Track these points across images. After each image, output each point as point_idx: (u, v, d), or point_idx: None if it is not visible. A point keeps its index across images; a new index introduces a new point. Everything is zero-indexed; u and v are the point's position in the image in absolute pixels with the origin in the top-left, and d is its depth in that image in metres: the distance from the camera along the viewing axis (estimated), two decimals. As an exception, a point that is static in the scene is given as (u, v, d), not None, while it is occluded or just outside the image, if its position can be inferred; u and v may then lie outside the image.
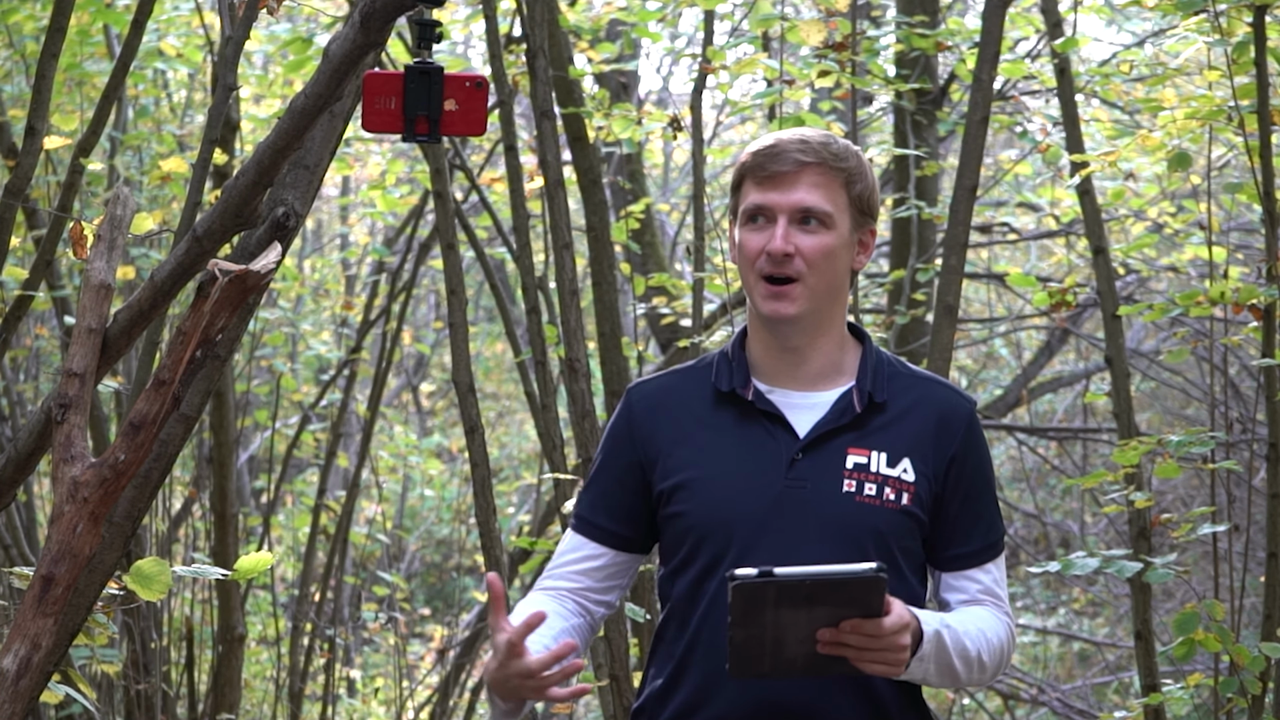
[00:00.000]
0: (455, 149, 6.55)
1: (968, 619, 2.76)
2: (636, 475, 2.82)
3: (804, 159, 2.74)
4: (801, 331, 2.78)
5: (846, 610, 2.50)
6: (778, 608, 2.47)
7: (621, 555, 2.85)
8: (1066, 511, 11.82)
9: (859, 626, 2.51)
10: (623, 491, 2.83)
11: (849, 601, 2.49)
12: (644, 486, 2.82)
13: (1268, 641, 4.63)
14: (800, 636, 2.51)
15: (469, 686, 8.83)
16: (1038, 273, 10.41)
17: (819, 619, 2.50)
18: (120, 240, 2.92)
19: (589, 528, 2.85)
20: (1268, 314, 4.77)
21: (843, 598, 2.48)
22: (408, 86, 2.59)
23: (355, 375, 8.74)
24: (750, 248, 2.76)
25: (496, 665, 2.56)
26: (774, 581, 2.44)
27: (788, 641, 2.51)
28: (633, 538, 2.85)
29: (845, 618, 2.50)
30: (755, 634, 2.49)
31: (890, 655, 2.55)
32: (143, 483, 3.37)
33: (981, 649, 2.74)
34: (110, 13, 6.46)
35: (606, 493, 2.84)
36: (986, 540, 2.83)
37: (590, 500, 2.86)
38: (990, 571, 2.83)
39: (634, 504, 2.83)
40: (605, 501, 2.84)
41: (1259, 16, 4.80)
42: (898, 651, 2.55)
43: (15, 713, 2.75)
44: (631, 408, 2.86)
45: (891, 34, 6.97)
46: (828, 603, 2.48)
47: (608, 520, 2.84)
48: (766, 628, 2.49)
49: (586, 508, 2.86)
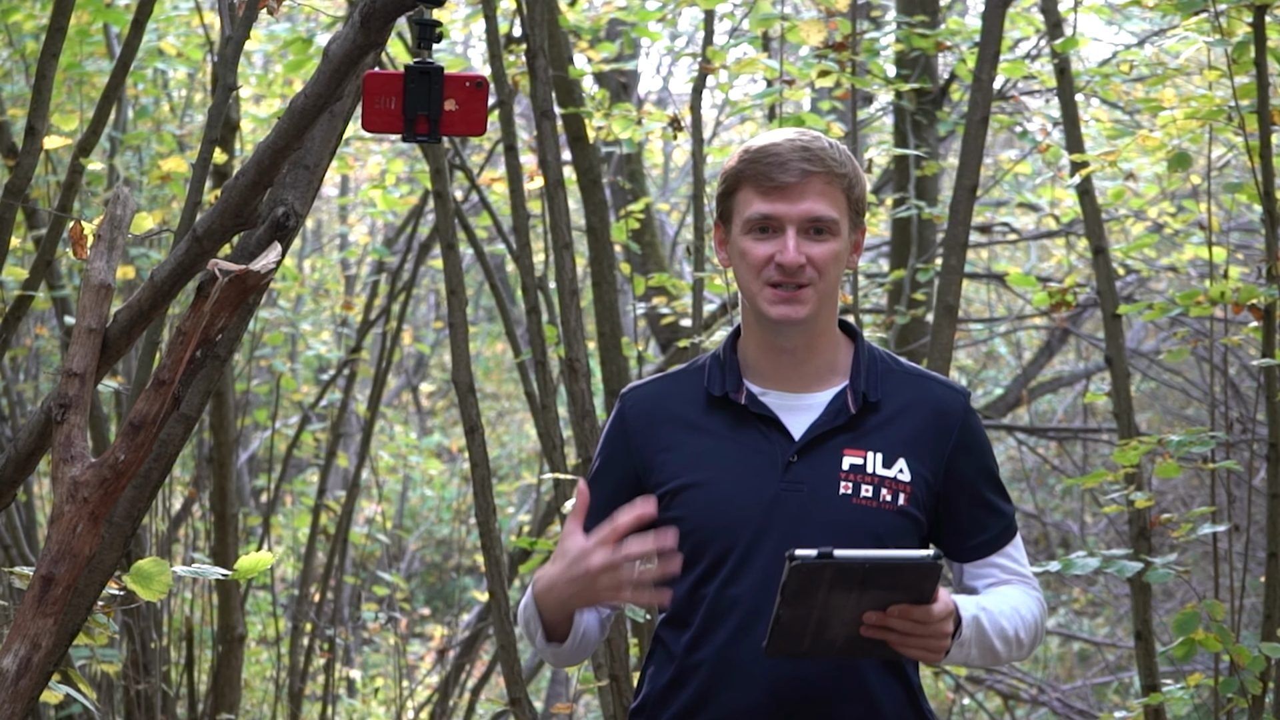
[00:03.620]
0: (455, 149, 6.55)
1: (1001, 599, 2.79)
2: (632, 482, 2.83)
3: (810, 169, 2.75)
4: (804, 333, 2.79)
5: (897, 595, 2.51)
6: (830, 589, 2.48)
7: None
8: (1066, 511, 11.82)
9: (907, 612, 2.53)
10: (619, 497, 2.81)
11: (902, 587, 2.51)
12: (638, 493, 2.81)
13: (1268, 641, 4.63)
14: (846, 619, 2.52)
15: (469, 686, 8.83)
16: (1038, 273, 10.41)
17: (868, 602, 2.51)
18: (120, 240, 2.91)
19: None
20: (1268, 314, 4.77)
21: (896, 583, 2.50)
22: (408, 86, 2.59)
23: (355, 375, 8.74)
24: (757, 256, 2.76)
25: (566, 565, 2.60)
26: (832, 563, 2.45)
27: (832, 623, 2.52)
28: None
29: (894, 602, 2.52)
30: (802, 614, 2.50)
31: (933, 642, 2.57)
32: (143, 483, 3.37)
33: (1018, 626, 2.77)
34: (110, 12, 6.45)
35: (607, 500, 2.82)
36: (1000, 524, 2.85)
37: (591, 506, 2.85)
38: (1010, 554, 2.86)
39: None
40: (608, 505, 2.82)
41: (1259, 16, 4.80)
42: (941, 639, 2.58)
43: (15, 713, 2.75)
44: (625, 414, 2.87)
45: (891, 34, 6.97)
46: (880, 587, 2.50)
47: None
48: (815, 608, 2.50)
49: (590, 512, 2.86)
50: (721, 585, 2.74)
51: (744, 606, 2.72)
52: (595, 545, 2.59)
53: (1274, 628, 4.73)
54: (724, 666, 2.72)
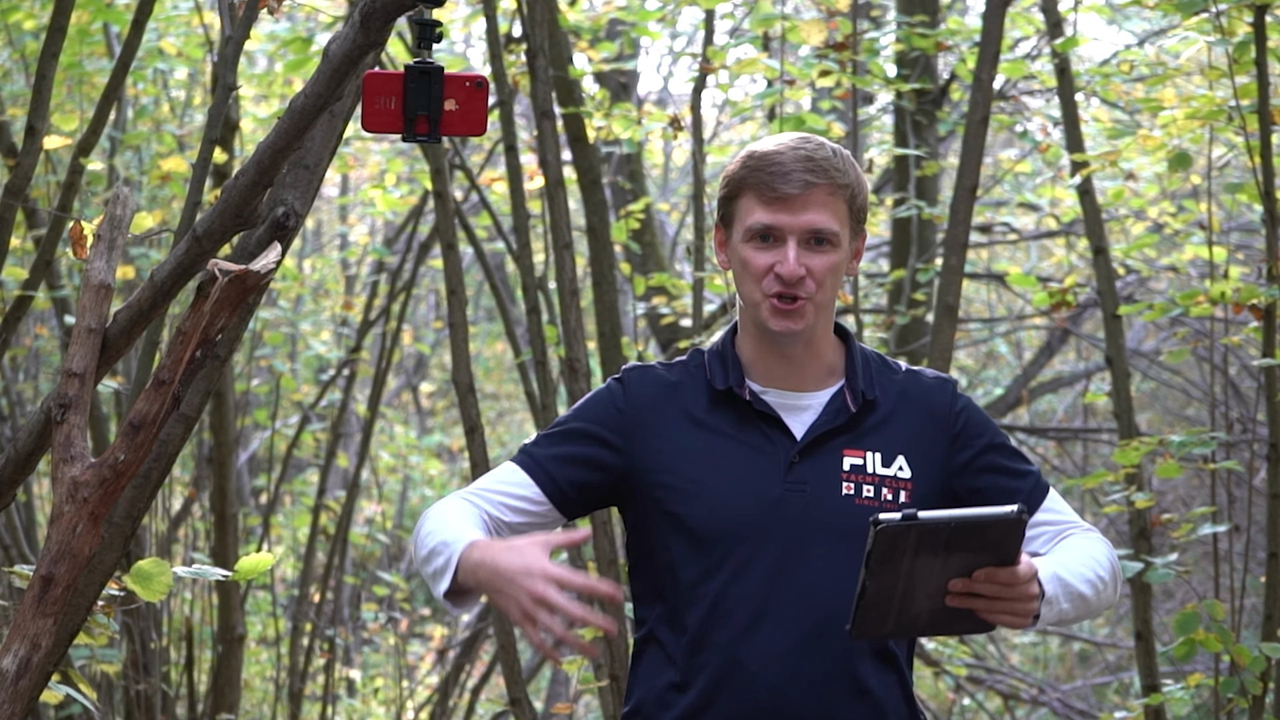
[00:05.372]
0: (455, 149, 6.55)
1: (1068, 550, 2.75)
2: (611, 454, 2.78)
3: (813, 180, 2.74)
4: (802, 342, 2.80)
5: (982, 557, 2.47)
6: (915, 555, 2.43)
7: (554, 514, 2.79)
8: (1066, 511, 11.79)
9: (993, 575, 2.48)
10: (590, 461, 2.78)
11: (986, 547, 2.46)
12: (614, 467, 2.78)
13: (1268, 641, 4.63)
14: (930, 590, 2.48)
15: (469, 686, 8.83)
16: (1038, 273, 10.40)
17: (953, 568, 2.47)
18: (120, 240, 2.91)
19: (543, 475, 2.78)
20: (1268, 314, 4.77)
21: (981, 543, 2.45)
22: (408, 86, 2.59)
23: (355, 375, 8.74)
24: (758, 265, 2.76)
25: (515, 567, 2.49)
26: (916, 525, 2.41)
27: (917, 595, 2.48)
28: (575, 505, 2.80)
29: (979, 565, 2.47)
30: (888, 584, 2.45)
31: (1021, 605, 2.53)
32: (143, 483, 3.37)
33: (1097, 569, 2.74)
34: (110, 12, 6.45)
35: (577, 455, 2.78)
36: (1030, 483, 2.82)
37: (555, 452, 2.79)
38: (1050, 508, 2.83)
39: (596, 477, 2.79)
40: (572, 460, 2.78)
41: (1259, 16, 4.80)
42: (1028, 601, 2.53)
43: (15, 713, 2.74)
44: (629, 388, 2.83)
45: (892, 34, 6.97)
46: (965, 549, 2.45)
47: (565, 480, 2.78)
48: (900, 578, 2.45)
49: (548, 456, 2.79)
50: (725, 585, 2.73)
51: (749, 607, 2.71)
52: (552, 577, 2.48)
53: (1274, 628, 4.73)
54: (729, 667, 2.71)
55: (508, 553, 2.53)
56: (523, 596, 2.49)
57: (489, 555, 2.55)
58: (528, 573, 2.49)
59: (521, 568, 2.50)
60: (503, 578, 2.52)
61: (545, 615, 2.47)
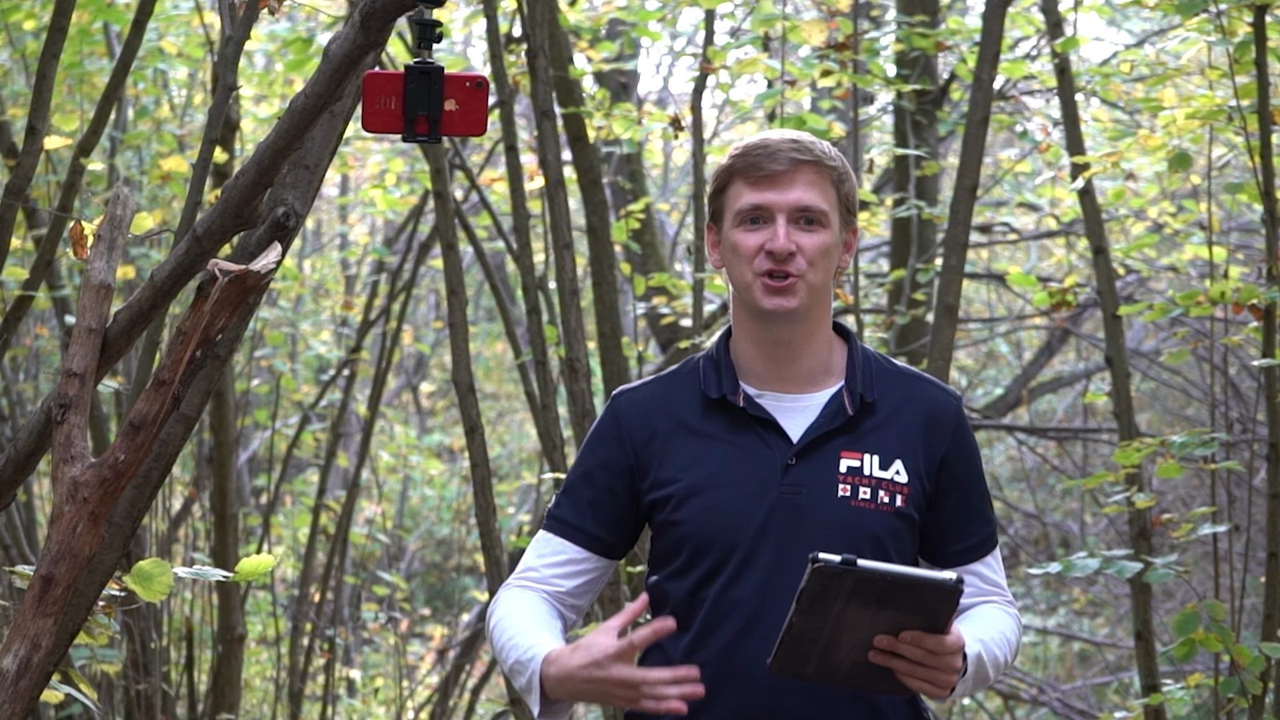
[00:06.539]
0: (455, 149, 6.55)
1: (990, 625, 2.77)
2: (627, 481, 2.82)
3: (799, 158, 2.75)
4: (796, 326, 2.78)
5: (912, 619, 2.46)
6: (848, 602, 2.43)
7: (603, 561, 2.85)
8: (1066, 512, 11.82)
9: (920, 640, 2.49)
10: (613, 498, 2.82)
11: (918, 610, 2.45)
12: (633, 494, 2.81)
13: (1268, 641, 4.63)
14: (855, 641, 2.47)
15: (469, 687, 8.83)
16: (1038, 273, 10.40)
17: (882, 623, 2.46)
18: (120, 240, 2.91)
19: (575, 533, 2.83)
20: (1268, 314, 4.77)
21: (913, 604, 2.45)
22: (408, 86, 2.59)
23: (355, 375, 8.74)
24: (748, 246, 2.76)
25: (587, 664, 2.56)
26: (854, 572, 2.40)
27: (841, 643, 2.47)
28: (618, 544, 2.85)
29: (908, 627, 2.47)
30: (815, 625, 2.45)
31: (942, 676, 2.53)
32: (143, 483, 3.37)
33: (1007, 654, 2.78)
34: (111, 12, 6.46)
35: (596, 500, 2.82)
36: (983, 534, 2.84)
37: (576, 506, 2.84)
38: (989, 564, 2.85)
39: (623, 511, 2.82)
40: (594, 508, 2.82)
41: (1259, 16, 4.80)
42: (950, 673, 2.54)
43: (15, 713, 2.74)
44: (620, 413, 2.85)
45: (892, 34, 6.97)
46: (896, 607, 2.44)
47: (597, 527, 2.83)
48: (828, 621, 2.45)
49: (572, 513, 2.84)
50: (722, 588, 2.73)
51: (746, 609, 2.72)
52: (616, 656, 2.55)
53: (1274, 628, 4.73)
54: (726, 669, 2.72)
55: (576, 654, 2.59)
56: (612, 690, 2.57)
57: (563, 668, 2.61)
58: (598, 665, 2.56)
59: (590, 663, 2.57)
60: (585, 682, 2.58)
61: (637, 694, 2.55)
